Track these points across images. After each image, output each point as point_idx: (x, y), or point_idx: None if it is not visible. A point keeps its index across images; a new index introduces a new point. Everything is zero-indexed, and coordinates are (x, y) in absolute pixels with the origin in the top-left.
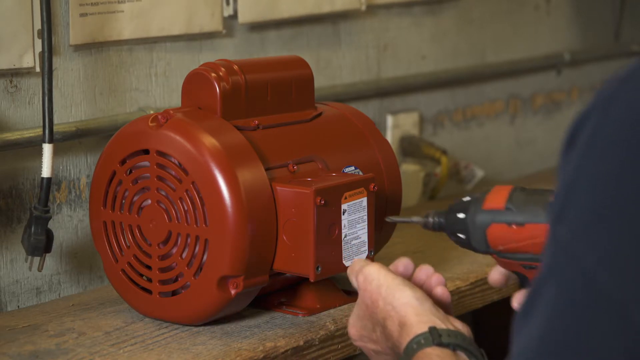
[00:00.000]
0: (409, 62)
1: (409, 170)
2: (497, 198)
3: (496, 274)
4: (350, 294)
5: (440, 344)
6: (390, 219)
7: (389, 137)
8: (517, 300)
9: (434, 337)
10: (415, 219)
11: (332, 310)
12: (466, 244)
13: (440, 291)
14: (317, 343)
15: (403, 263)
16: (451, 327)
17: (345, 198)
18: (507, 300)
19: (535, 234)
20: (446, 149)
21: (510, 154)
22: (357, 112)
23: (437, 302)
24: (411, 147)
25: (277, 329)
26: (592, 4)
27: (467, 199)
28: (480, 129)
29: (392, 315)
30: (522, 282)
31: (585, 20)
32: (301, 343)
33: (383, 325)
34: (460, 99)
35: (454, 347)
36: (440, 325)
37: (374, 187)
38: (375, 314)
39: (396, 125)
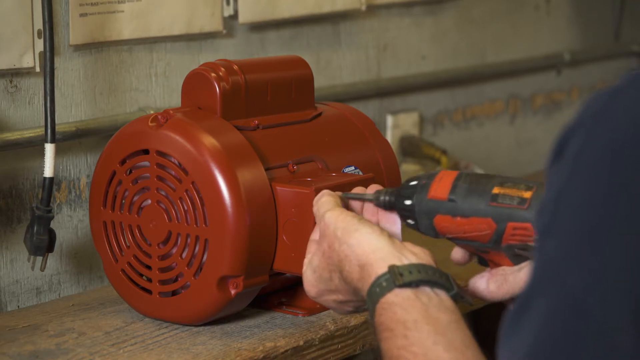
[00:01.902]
0: (409, 62)
1: (409, 170)
2: (440, 187)
3: (458, 252)
4: None
5: (402, 285)
6: (345, 195)
7: (389, 137)
8: (473, 283)
9: (395, 277)
10: (368, 196)
11: (332, 311)
12: (416, 229)
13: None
14: (317, 343)
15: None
16: (411, 259)
17: None
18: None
19: (480, 227)
20: (446, 149)
21: (510, 154)
22: (357, 112)
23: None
24: (411, 147)
25: (277, 329)
26: (592, 4)
27: (414, 183)
28: (480, 129)
29: (348, 255)
30: (480, 261)
31: (585, 20)
32: (301, 343)
33: (340, 268)
34: (460, 99)
35: (416, 284)
36: (400, 259)
37: None
38: (331, 258)
39: (396, 125)
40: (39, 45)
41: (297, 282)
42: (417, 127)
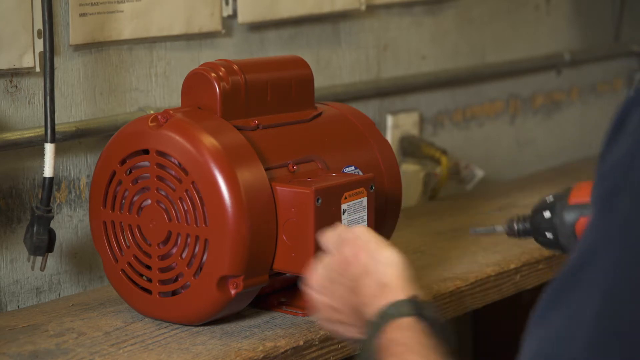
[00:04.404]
0: (409, 62)
1: (409, 170)
2: (581, 193)
3: None
4: None
5: (420, 315)
6: (474, 230)
7: (389, 137)
8: None
9: (416, 307)
10: (499, 228)
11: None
12: (553, 244)
13: None
14: (317, 343)
15: None
16: (420, 293)
17: (345, 198)
18: (507, 300)
19: None
20: (446, 149)
21: (510, 154)
22: (357, 112)
23: None
24: (411, 147)
25: (277, 329)
26: (592, 4)
27: (550, 198)
28: (480, 129)
29: (372, 270)
30: None
31: (585, 20)
32: (301, 343)
33: (355, 279)
34: (460, 99)
35: (424, 319)
36: (419, 295)
37: (372, 187)
38: (350, 265)
39: (396, 125)
40: (39, 45)
41: (297, 282)
42: (417, 127)
